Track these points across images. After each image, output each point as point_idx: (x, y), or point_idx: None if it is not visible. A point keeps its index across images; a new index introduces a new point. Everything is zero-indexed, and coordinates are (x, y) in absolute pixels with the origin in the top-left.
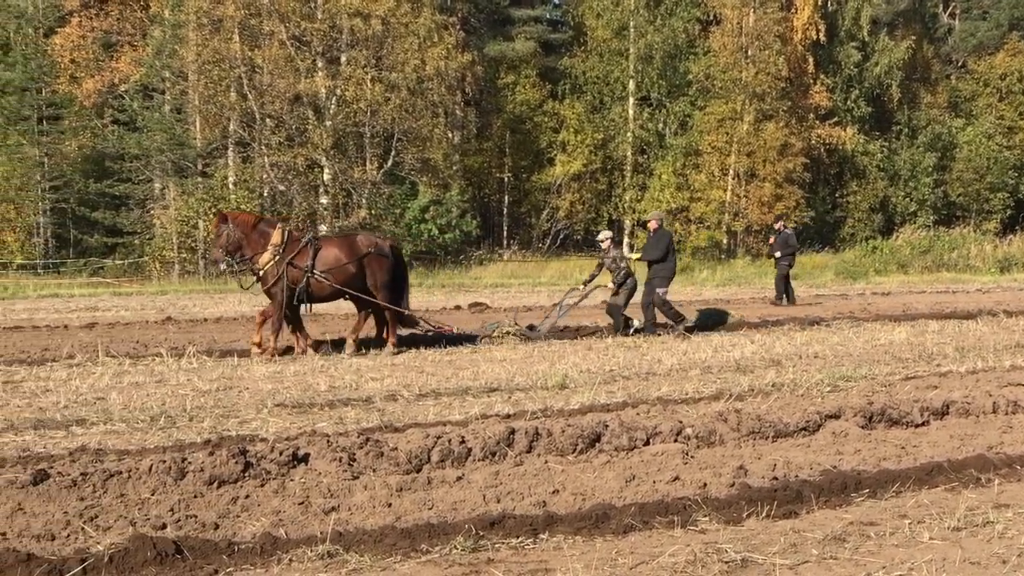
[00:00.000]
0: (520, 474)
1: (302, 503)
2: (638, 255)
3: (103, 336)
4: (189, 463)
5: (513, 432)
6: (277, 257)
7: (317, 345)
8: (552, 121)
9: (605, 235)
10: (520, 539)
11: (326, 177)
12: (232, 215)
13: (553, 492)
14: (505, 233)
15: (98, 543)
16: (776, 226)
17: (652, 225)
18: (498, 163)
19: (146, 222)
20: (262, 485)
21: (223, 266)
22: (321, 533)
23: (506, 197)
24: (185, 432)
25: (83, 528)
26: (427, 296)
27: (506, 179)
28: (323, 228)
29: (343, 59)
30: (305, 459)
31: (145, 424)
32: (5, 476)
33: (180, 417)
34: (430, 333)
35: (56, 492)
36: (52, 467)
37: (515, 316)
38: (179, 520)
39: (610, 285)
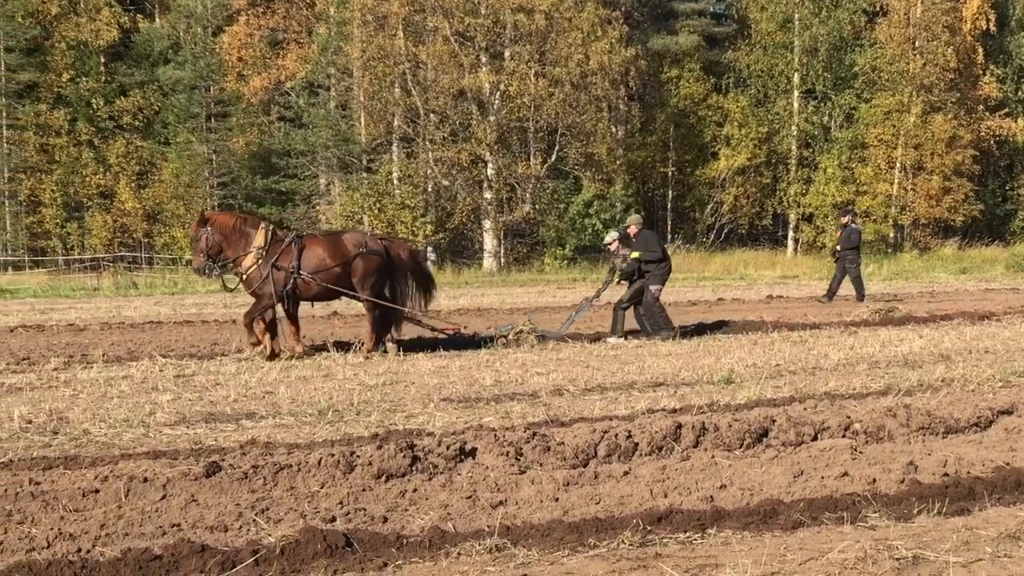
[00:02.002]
0: (687, 469)
1: (469, 497)
2: (637, 253)
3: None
4: (357, 457)
5: (680, 427)
6: (260, 260)
7: (273, 356)
8: (716, 115)
9: (612, 236)
10: (688, 534)
11: (490, 172)
12: (212, 217)
13: (720, 487)
14: (669, 228)
15: (269, 535)
16: (843, 220)
17: (632, 230)
18: (662, 158)
19: (311, 217)
20: (430, 479)
21: (206, 272)
22: (489, 527)
23: (670, 192)
24: (353, 426)
25: (255, 520)
26: (591, 290)
27: (670, 173)
28: (486, 223)
29: (507, 54)
30: (472, 453)
31: (313, 418)
32: (179, 468)
33: (347, 411)
34: (448, 334)
35: (228, 484)
36: (224, 460)
37: (530, 316)
38: (348, 513)
39: (623, 283)
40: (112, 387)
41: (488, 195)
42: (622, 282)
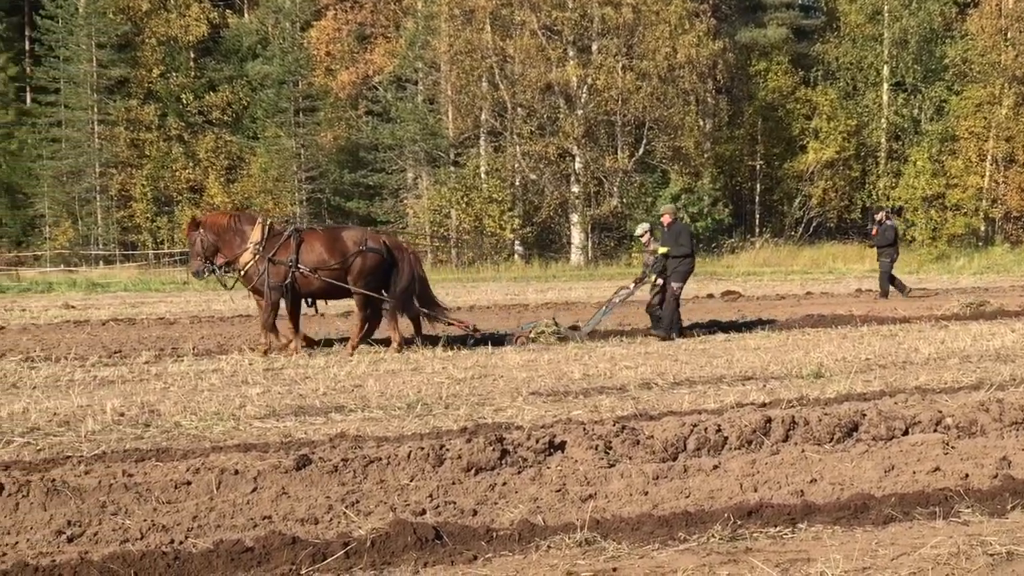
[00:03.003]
0: (777, 463)
1: (559, 490)
2: (665, 249)
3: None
4: (447, 450)
5: (769, 421)
6: (258, 255)
7: (267, 350)
8: (804, 108)
9: (643, 228)
10: (778, 528)
11: (577, 166)
12: (204, 219)
13: (810, 481)
14: (757, 221)
15: (359, 528)
16: (877, 216)
17: (666, 219)
18: (750, 151)
19: (399, 211)
20: (519, 472)
21: (204, 274)
22: (578, 520)
23: (758, 185)
24: (441, 419)
25: (345, 513)
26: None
27: (758, 167)
28: (574, 217)
29: (594, 48)
30: (561, 447)
31: (402, 411)
32: (269, 461)
33: (436, 405)
34: (477, 335)
35: (318, 477)
36: (314, 453)
37: (554, 315)
38: (438, 506)
39: (659, 281)
40: (202, 380)
41: (575, 189)
42: (657, 281)
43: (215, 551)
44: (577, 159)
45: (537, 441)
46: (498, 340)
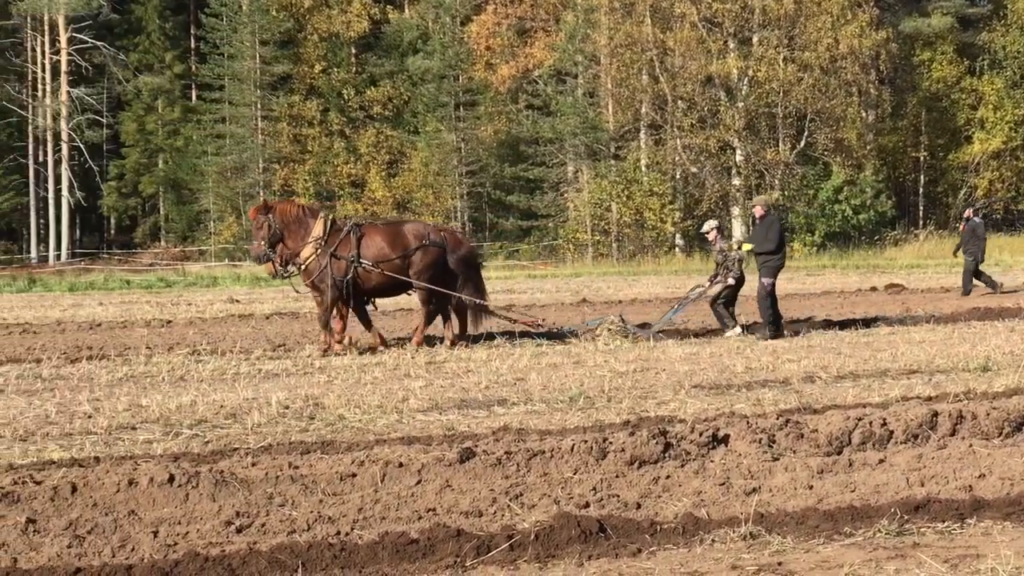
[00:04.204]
0: (943, 457)
1: (722, 484)
2: (749, 246)
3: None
4: (610, 443)
5: (936, 415)
6: (319, 250)
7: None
8: (970, 98)
9: (710, 225)
10: (946, 523)
11: (738, 158)
12: (274, 204)
13: (979, 476)
14: (921, 213)
15: (523, 520)
16: (965, 214)
17: (758, 211)
18: (913, 142)
19: (559, 205)
20: (682, 466)
21: (264, 259)
22: (742, 514)
23: (922, 176)
24: (604, 413)
25: (508, 505)
26: (841, 277)
27: (922, 158)
28: (735, 210)
29: (755, 39)
30: (724, 440)
31: (564, 404)
32: (433, 454)
33: (599, 398)
34: (538, 328)
35: (482, 470)
36: (477, 446)
37: (621, 312)
38: (601, 499)
39: (731, 281)
40: (365, 373)
41: (736, 181)
42: (729, 280)
43: (380, 543)
44: (738, 151)
45: (700, 434)
46: (558, 336)
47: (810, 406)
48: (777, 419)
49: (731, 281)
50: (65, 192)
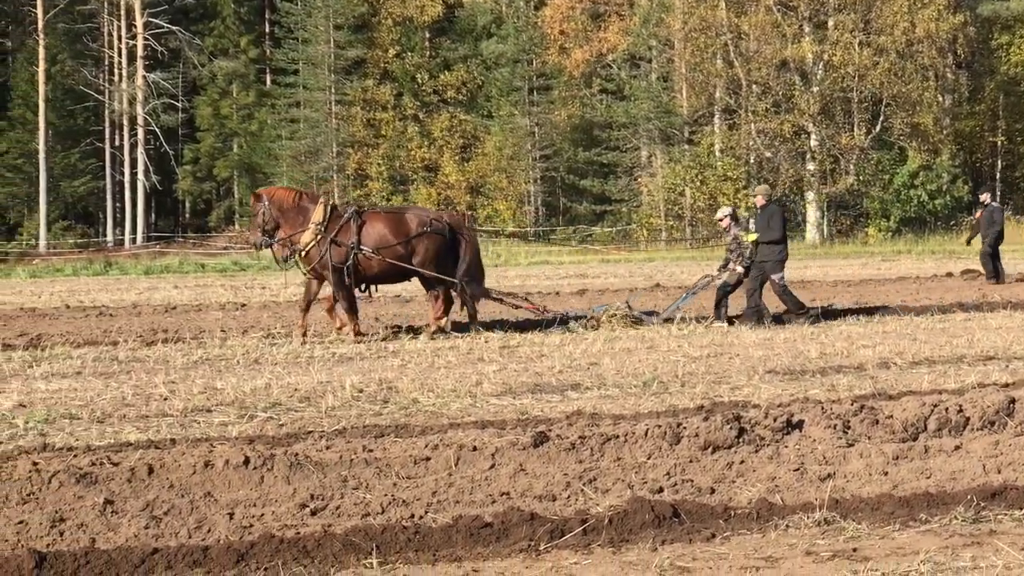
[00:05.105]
0: (1021, 445)
1: (797, 470)
2: (755, 235)
3: (593, 302)
4: (684, 428)
5: (1013, 401)
6: (319, 236)
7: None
8: None
9: (723, 212)
10: (1023, 511)
11: (813, 143)
12: (269, 192)
13: None
14: (998, 199)
15: (597, 505)
16: (982, 198)
17: (759, 201)
18: (991, 127)
19: (633, 190)
20: (756, 451)
21: (262, 246)
22: (817, 500)
23: (999, 162)
24: (678, 398)
25: (582, 490)
26: (916, 263)
27: (999, 143)
28: (809, 195)
29: (830, 23)
30: (799, 426)
31: (638, 389)
32: (507, 438)
33: (672, 383)
34: (548, 315)
35: (555, 454)
36: (551, 430)
37: (628, 299)
38: (675, 484)
39: (739, 269)
40: (439, 358)
41: (811, 166)
42: (738, 269)
43: (454, 526)
44: (812, 136)
45: (774, 420)
46: (564, 322)
47: (885, 392)
48: (852, 405)
49: (740, 269)
50: (141, 176)
